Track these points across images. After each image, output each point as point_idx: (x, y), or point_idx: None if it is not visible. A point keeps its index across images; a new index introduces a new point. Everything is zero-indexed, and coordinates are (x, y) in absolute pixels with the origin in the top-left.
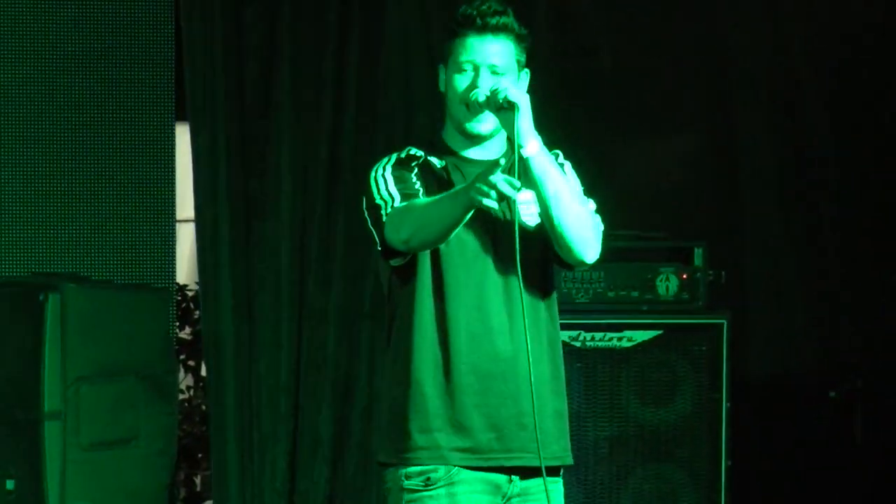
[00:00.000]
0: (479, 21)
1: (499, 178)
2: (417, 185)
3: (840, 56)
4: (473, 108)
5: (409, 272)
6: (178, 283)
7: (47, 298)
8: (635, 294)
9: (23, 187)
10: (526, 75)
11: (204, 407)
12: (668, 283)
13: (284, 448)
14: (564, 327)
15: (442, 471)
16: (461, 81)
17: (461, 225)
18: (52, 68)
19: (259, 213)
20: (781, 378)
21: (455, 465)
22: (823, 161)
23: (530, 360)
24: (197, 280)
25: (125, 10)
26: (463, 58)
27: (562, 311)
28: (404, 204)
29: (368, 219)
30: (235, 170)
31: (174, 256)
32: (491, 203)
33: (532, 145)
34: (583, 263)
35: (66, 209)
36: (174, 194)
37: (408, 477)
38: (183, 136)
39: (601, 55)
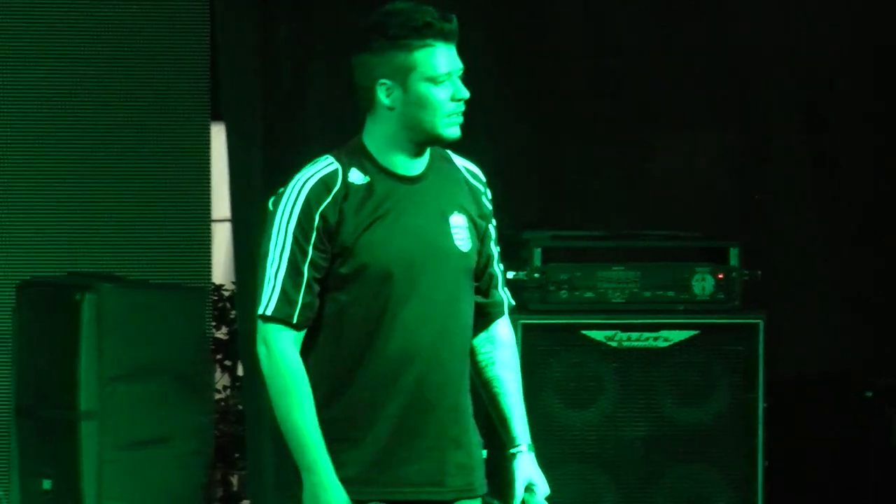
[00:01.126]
0: (445, 29)
1: None
2: (305, 278)
3: (874, 55)
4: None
5: None
6: (214, 283)
7: (83, 298)
8: (671, 294)
9: (59, 188)
10: None
11: (240, 407)
12: (703, 283)
13: None
14: (600, 327)
15: None
16: (440, 93)
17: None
18: (88, 70)
19: None
20: (817, 378)
21: None
22: (858, 160)
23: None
24: (233, 280)
25: (161, 12)
26: (439, 70)
27: (598, 311)
28: (296, 370)
29: (261, 273)
30: (270, 168)
31: (210, 256)
32: None
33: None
34: None
35: (103, 210)
36: (210, 195)
37: None
38: (218, 137)
39: (635, 53)
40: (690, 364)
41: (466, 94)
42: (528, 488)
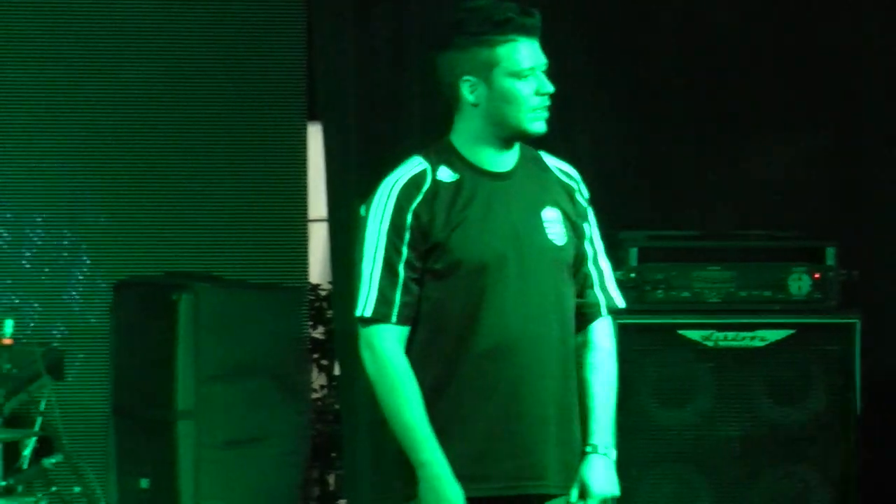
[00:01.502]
0: (528, 23)
1: None
2: (402, 278)
3: None
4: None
5: None
6: (310, 283)
7: (180, 298)
8: (767, 294)
9: (156, 188)
10: None
11: (336, 406)
12: (800, 283)
13: None
14: (696, 327)
15: None
16: (525, 87)
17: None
18: (183, 70)
19: None
20: None
21: None
22: None
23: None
24: (329, 280)
25: (256, 10)
26: (523, 64)
27: (694, 311)
28: (399, 366)
29: (357, 277)
30: (366, 169)
31: (307, 256)
32: None
33: None
34: None
35: (200, 210)
36: (306, 194)
37: None
38: (315, 136)
39: (730, 53)
40: (787, 364)
41: (551, 88)
42: (583, 491)
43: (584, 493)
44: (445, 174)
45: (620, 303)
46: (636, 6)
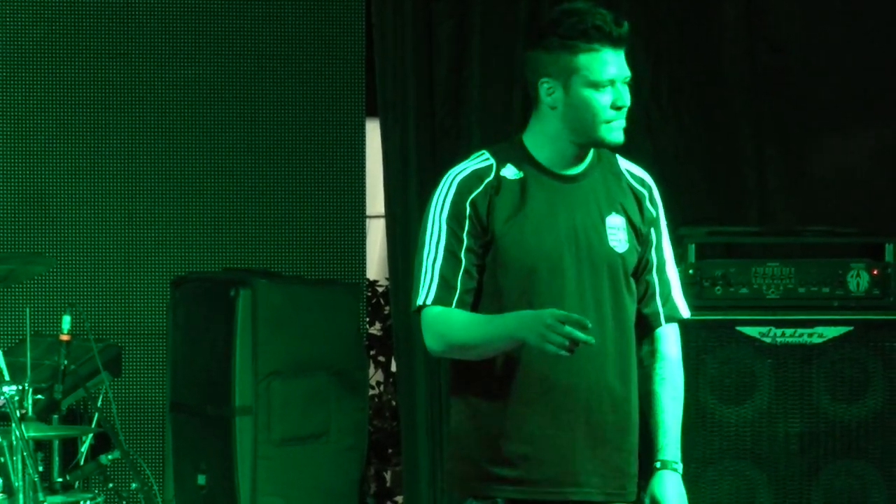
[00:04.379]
0: (613, 34)
1: (572, 330)
2: (463, 265)
3: None
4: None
5: None
6: (368, 279)
7: (238, 294)
8: (826, 290)
9: (216, 184)
10: None
11: (394, 402)
12: (859, 279)
13: None
14: (755, 323)
15: None
16: (601, 98)
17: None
18: (243, 68)
19: None
20: None
21: None
22: None
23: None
24: (387, 276)
25: (317, 9)
26: (602, 75)
27: (752, 308)
28: (441, 314)
29: (414, 271)
30: (425, 166)
31: (365, 252)
32: (564, 353)
33: None
34: None
35: (259, 206)
36: (365, 191)
37: None
38: (373, 133)
39: (794, 51)
40: (846, 360)
41: (627, 101)
42: None
43: None
44: (510, 171)
45: (685, 313)
46: (699, 2)
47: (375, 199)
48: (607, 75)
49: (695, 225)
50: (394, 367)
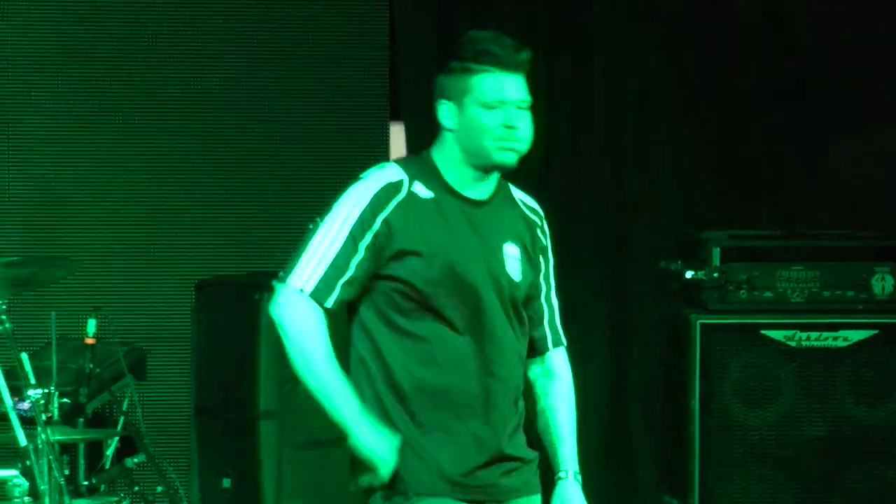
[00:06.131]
0: (506, 58)
1: (380, 474)
2: (349, 275)
3: None
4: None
5: None
6: None
7: (262, 298)
8: (850, 294)
9: (241, 188)
10: None
11: None
12: (883, 283)
13: None
14: (779, 326)
15: None
16: (491, 118)
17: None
18: (268, 73)
19: None
20: None
21: None
22: None
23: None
24: None
25: (340, 12)
26: (493, 96)
27: (777, 311)
28: (316, 327)
29: (304, 248)
30: None
31: None
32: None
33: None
34: None
35: (283, 209)
36: None
37: None
38: (398, 137)
39: (814, 53)
40: (870, 363)
41: (520, 124)
42: None
43: None
44: (421, 189)
45: (564, 341)
46: (716, 6)
47: None
48: (499, 96)
49: (717, 228)
50: None
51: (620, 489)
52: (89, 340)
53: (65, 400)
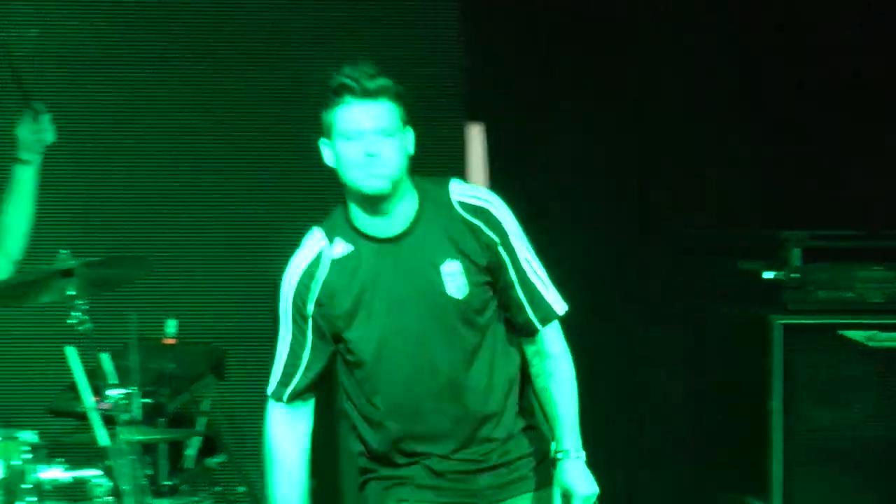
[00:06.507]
0: (357, 87)
1: None
2: (304, 362)
3: None
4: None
5: None
6: None
7: None
8: None
9: (321, 187)
10: (410, 133)
11: None
12: None
13: None
14: (860, 327)
15: None
16: (353, 148)
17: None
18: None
19: (542, 212)
20: None
21: None
22: None
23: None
24: None
25: (416, 11)
26: (350, 126)
27: (857, 311)
28: (276, 450)
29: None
30: (526, 170)
31: None
32: None
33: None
34: None
35: None
36: None
37: None
38: (475, 137)
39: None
40: None
41: (377, 150)
42: (566, 495)
43: (567, 498)
44: (341, 248)
45: (560, 309)
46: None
47: None
48: (356, 126)
49: (796, 228)
50: None
51: (701, 490)
52: (169, 341)
53: (146, 400)
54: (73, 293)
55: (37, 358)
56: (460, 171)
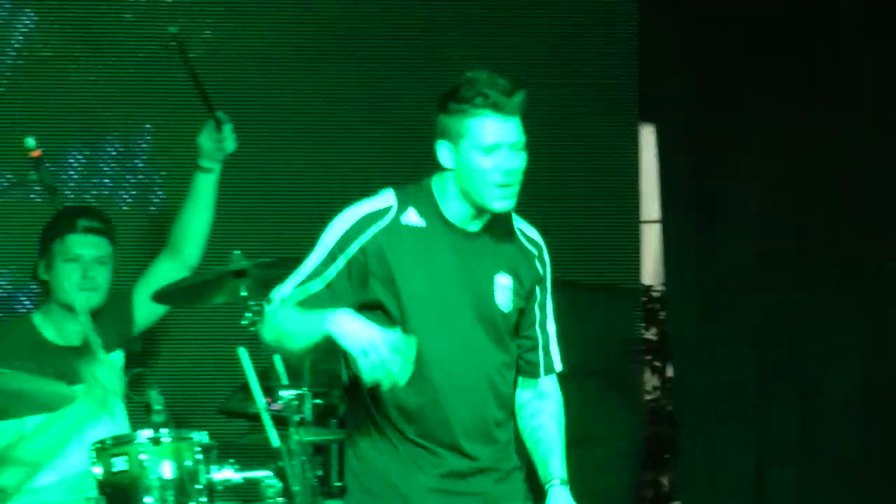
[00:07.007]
0: (500, 102)
1: (392, 360)
2: (329, 281)
3: None
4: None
5: None
6: (643, 284)
7: None
8: None
9: None
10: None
11: (670, 408)
12: None
13: (749, 450)
14: None
15: None
16: (486, 162)
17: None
18: (516, 68)
19: (723, 215)
20: None
21: None
22: None
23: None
24: (663, 281)
25: (590, 9)
26: (486, 140)
27: None
28: (282, 308)
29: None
30: (700, 172)
31: (639, 257)
32: (370, 378)
33: None
34: None
35: (534, 208)
36: (638, 195)
37: None
38: (648, 137)
39: None
40: None
41: (513, 165)
42: None
43: None
44: (413, 218)
45: (559, 367)
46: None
47: (650, 203)
48: (492, 140)
49: None
50: (669, 373)
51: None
52: None
53: (318, 401)
54: (246, 294)
55: (209, 359)
56: (632, 170)
